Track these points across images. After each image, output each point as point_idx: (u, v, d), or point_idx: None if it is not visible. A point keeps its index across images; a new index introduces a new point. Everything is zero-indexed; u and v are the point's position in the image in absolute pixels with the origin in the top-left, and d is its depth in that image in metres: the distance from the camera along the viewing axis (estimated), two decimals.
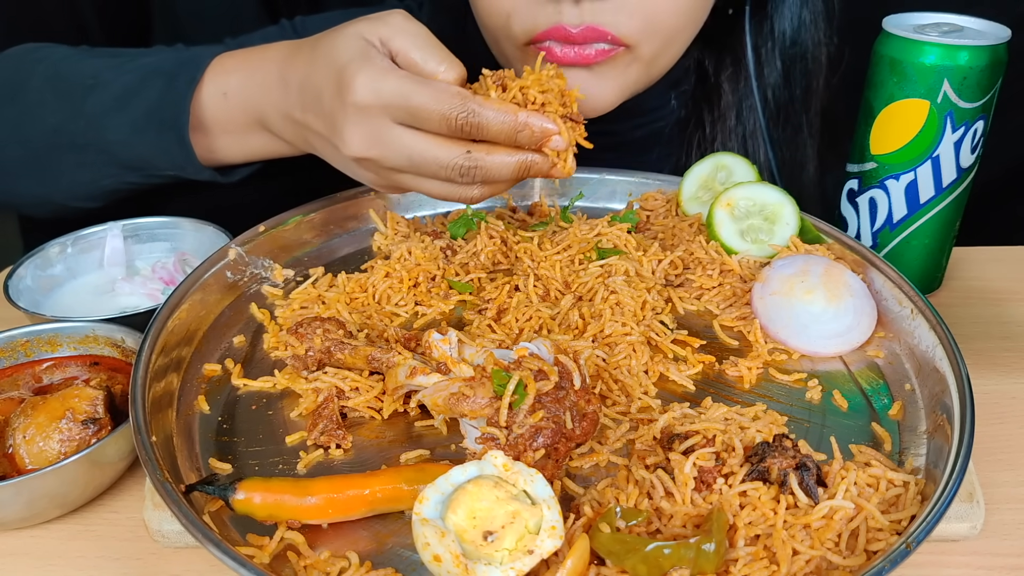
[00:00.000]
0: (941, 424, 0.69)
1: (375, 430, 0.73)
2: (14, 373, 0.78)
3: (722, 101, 1.09)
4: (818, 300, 0.82)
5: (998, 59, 0.85)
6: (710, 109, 1.10)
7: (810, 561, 0.59)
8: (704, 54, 1.10)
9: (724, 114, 1.09)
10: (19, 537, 0.69)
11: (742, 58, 1.06)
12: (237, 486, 0.62)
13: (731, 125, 1.09)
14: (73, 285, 0.96)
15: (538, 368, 0.68)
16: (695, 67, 1.11)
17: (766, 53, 1.06)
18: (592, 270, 0.88)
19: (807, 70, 1.07)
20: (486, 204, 1.04)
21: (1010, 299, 0.99)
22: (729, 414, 0.72)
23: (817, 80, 1.09)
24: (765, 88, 1.08)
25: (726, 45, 1.08)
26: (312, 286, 0.90)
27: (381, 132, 0.75)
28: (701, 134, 1.10)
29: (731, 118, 1.09)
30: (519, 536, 0.57)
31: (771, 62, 1.07)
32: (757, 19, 1.05)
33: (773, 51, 1.06)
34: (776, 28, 1.04)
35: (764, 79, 1.07)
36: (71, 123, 0.93)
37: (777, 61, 1.06)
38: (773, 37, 1.05)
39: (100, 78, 0.93)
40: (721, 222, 0.92)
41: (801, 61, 1.07)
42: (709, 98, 1.10)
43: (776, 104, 1.08)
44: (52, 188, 0.98)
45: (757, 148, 1.09)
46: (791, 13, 1.05)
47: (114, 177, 0.96)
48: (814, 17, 1.06)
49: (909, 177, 0.91)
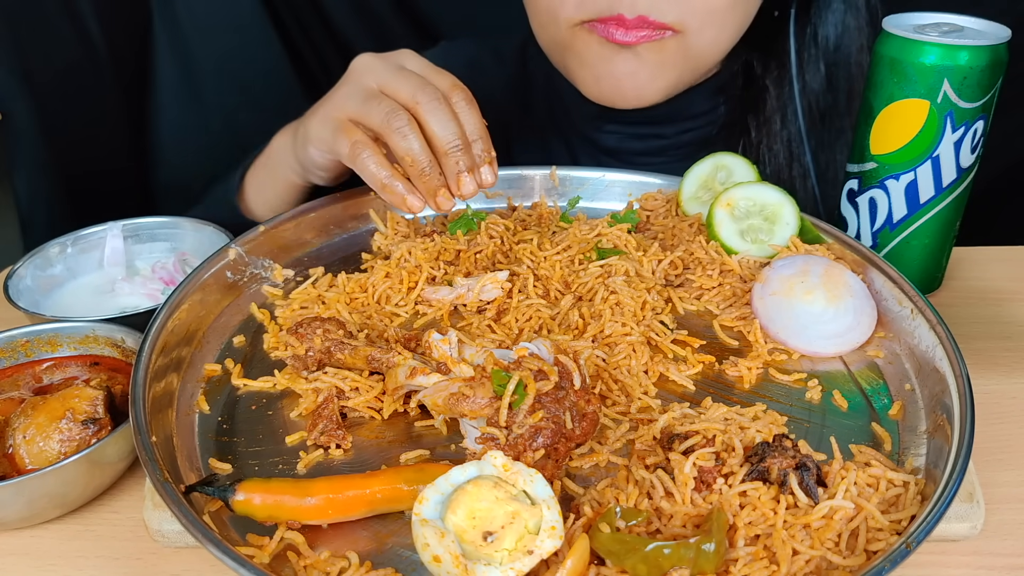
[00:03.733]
0: (941, 424, 0.69)
1: (375, 430, 0.73)
2: (14, 373, 0.78)
3: (767, 105, 1.10)
4: (818, 300, 0.82)
5: (998, 59, 0.85)
6: (755, 113, 1.11)
7: (810, 561, 0.59)
8: (751, 57, 1.11)
9: (769, 118, 1.10)
10: (19, 537, 0.69)
11: (786, 62, 1.08)
12: (237, 487, 0.62)
13: (776, 129, 1.10)
14: (73, 285, 0.96)
15: (538, 368, 0.68)
16: (742, 71, 1.12)
17: (809, 57, 1.08)
18: (592, 270, 0.88)
19: (849, 75, 1.08)
20: (486, 204, 1.04)
21: (1010, 299, 0.99)
22: (729, 414, 0.72)
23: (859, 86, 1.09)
24: (807, 92, 1.09)
25: (771, 49, 1.09)
26: (312, 286, 0.90)
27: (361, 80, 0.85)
28: (747, 138, 1.11)
29: (776, 121, 1.10)
30: (519, 536, 0.57)
31: (814, 66, 1.08)
32: (801, 23, 1.06)
33: (816, 55, 1.07)
34: (820, 33, 1.06)
35: (806, 83, 1.08)
36: None
37: (820, 65, 1.08)
38: (816, 42, 1.07)
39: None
40: (721, 222, 0.92)
41: (844, 66, 1.08)
42: (755, 101, 1.11)
43: (817, 109, 1.09)
44: None
45: (802, 152, 1.10)
46: (835, 19, 1.07)
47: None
48: (858, 23, 1.07)
49: (909, 177, 0.91)
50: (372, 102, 0.82)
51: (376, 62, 0.85)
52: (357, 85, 0.85)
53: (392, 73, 0.83)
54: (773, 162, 1.11)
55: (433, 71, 0.85)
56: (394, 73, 0.83)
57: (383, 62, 0.85)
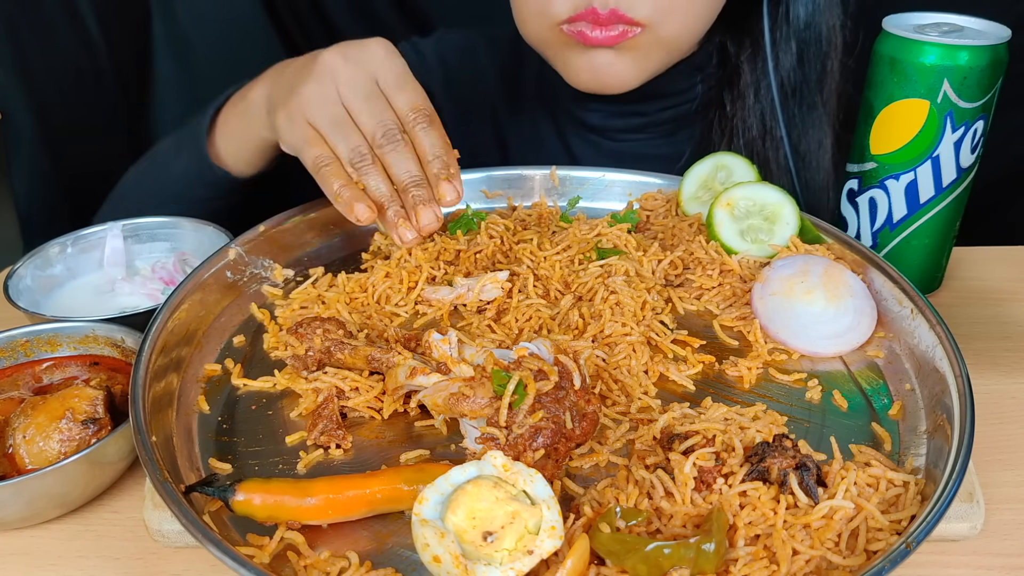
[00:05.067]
0: (941, 424, 0.69)
1: (375, 430, 0.73)
2: (14, 373, 0.78)
3: (741, 81, 1.13)
4: (818, 300, 0.82)
5: (998, 59, 0.85)
6: (730, 89, 1.14)
7: (810, 561, 0.59)
8: (726, 37, 1.14)
9: (743, 93, 1.13)
10: (19, 537, 0.69)
11: (760, 40, 1.11)
12: (236, 487, 0.62)
13: (750, 104, 1.13)
14: (73, 285, 0.96)
15: (538, 368, 0.68)
16: (718, 51, 1.15)
17: (781, 35, 1.11)
18: (592, 270, 0.88)
19: (821, 52, 1.12)
20: (486, 204, 1.04)
21: (1010, 299, 0.99)
22: (729, 414, 0.72)
23: (831, 62, 1.13)
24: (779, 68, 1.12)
25: (746, 28, 1.12)
26: (312, 286, 0.90)
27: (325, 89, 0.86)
28: (721, 112, 1.15)
29: (750, 96, 1.13)
30: (519, 536, 0.57)
31: (786, 44, 1.11)
32: (774, 2, 1.09)
33: (788, 33, 1.10)
34: (792, 11, 1.09)
35: (779, 60, 1.12)
36: (149, 180, 1.15)
37: (792, 43, 1.11)
38: (788, 20, 1.10)
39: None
40: (721, 222, 0.92)
41: (815, 43, 1.11)
42: (730, 79, 1.14)
43: (790, 84, 1.12)
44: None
45: (775, 126, 1.13)
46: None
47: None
48: (829, 2, 1.10)
49: (909, 177, 0.91)
50: (338, 133, 0.86)
51: (344, 68, 0.87)
52: (323, 98, 0.86)
53: (357, 95, 0.86)
54: (747, 134, 1.14)
55: (397, 87, 0.87)
56: (360, 97, 0.86)
57: (350, 69, 0.87)
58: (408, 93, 0.87)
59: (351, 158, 0.85)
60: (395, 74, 0.88)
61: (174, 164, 1.10)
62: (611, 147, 1.20)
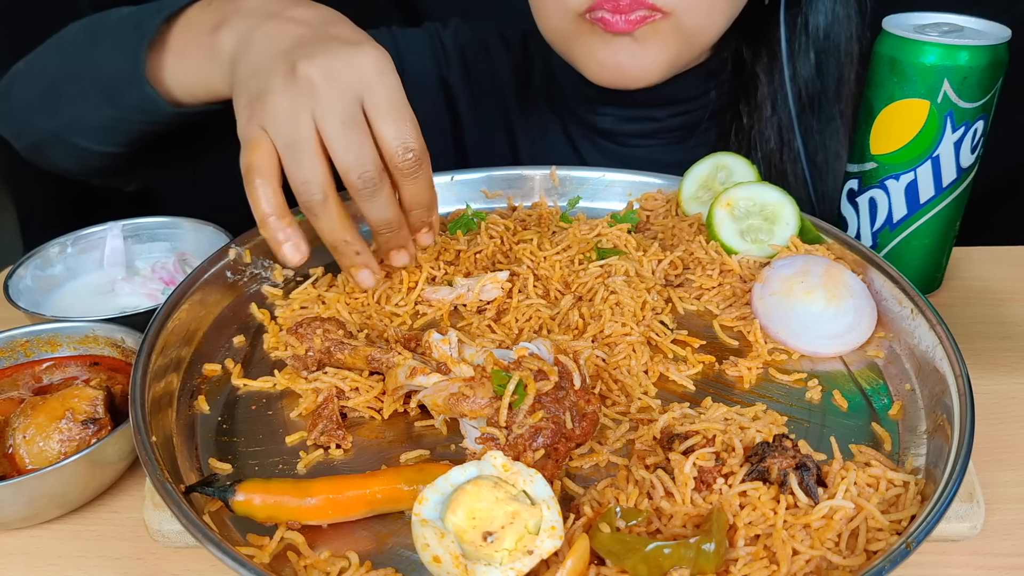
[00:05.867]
0: (941, 424, 0.69)
1: (375, 430, 0.73)
2: (14, 373, 0.78)
3: (758, 92, 1.13)
4: (818, 300, 0.82)
5: (998, 59, 0.85)
6: (746, 99, 1.14)
7: (810, 561, 0.59)
8: (742, 44, 1.14)
9: (760, 104, 1.13)
10: (19, 537, 0.69)
11: (777, 50, 1.10)
12: (236, 488, 0.62)
13: (767, 115, 1.12)
14: (73, 285, 0.96)
15: (538, 368, 0.68)
16: (732, 57, 1.15)
17: (799, 46, 1.10)
18: (592, 270, 0.88)
19: (839, 62, 1.11)
20: (486, 204, 1.04)
21: (1010, 299, 0.99)
22: (729, 414, 0.72)
23: (849, 73, 1.12)
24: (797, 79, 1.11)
25: (762, 36, 1.12)
26: (312, 286, 0.90)
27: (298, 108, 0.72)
28: (738, 123, 1.14)
29: (767, 108, 1.12)
30: (519, 536, 0.57)
31: (804, 54, 1.11)
32: (792, 12, 1.08)
33: (807, 44, 1.10)
34: (811, 21, 1.09)
35: (796, 71, 1.11)
36: (82, 55, 0.95)
37: (811, 54, 1.10)
38: (807, 31, 1.09)
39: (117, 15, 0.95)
40: (721, 222, 0.92)
41: (834, 54, 1.11)
42: (746, 88, 1.14)
43: (807, 96, 1.12)
44: (58, 122, 0.97)
45: (792, 138, 1.12)
46: (825, 7, 1.09)
47: (97, 109, 0.93)
48: (848, 12, 1.09)
49: (909, 177, 0.91)
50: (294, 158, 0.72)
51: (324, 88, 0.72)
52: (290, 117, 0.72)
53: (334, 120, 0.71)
54: (764, 147, 1.13)
55: (387, 113, 0.73)
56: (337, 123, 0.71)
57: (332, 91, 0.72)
58: (398, 125, 0.73)
59: (301, 193, 0.73)
60: (386, 98, 0.73)
61: (107, 61, 0.92)
62: (621, 152, 1.19)
